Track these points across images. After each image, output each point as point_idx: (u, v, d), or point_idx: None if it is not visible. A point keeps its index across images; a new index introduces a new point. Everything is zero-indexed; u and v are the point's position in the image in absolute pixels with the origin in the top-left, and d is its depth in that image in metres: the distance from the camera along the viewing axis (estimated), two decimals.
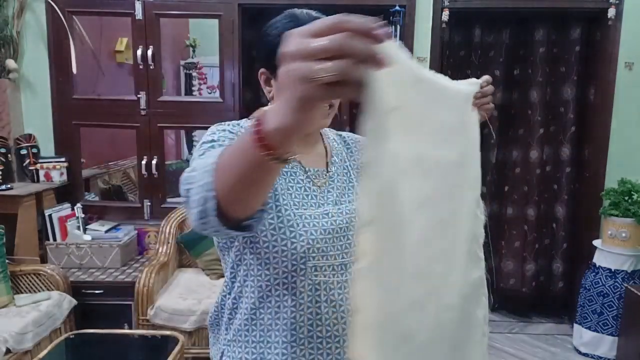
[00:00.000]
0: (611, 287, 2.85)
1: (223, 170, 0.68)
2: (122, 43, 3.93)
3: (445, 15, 2.97)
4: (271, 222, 0.92)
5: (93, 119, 3.17)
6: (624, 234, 2.81)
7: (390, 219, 0.67)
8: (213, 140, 0.90)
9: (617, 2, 2.90)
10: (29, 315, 2.30)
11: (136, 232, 3.13)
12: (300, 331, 0.94)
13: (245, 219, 0.73)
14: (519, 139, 3.39)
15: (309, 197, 0.97)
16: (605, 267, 2.89)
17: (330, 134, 1.09)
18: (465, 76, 3.26)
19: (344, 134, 1.14)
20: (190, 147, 4.80)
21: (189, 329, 2.45)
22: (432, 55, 3.05)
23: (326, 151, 1.05)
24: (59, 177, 3.08)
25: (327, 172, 1.01)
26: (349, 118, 3.32)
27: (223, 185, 0.68)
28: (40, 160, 3.07)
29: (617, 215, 2.84)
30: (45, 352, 2.02)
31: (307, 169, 0.99)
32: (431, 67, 3.06)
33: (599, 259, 2.94)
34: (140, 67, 3.08)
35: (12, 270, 2.55)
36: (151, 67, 3.08)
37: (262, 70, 0.96)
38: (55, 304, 2.46)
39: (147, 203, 3.21)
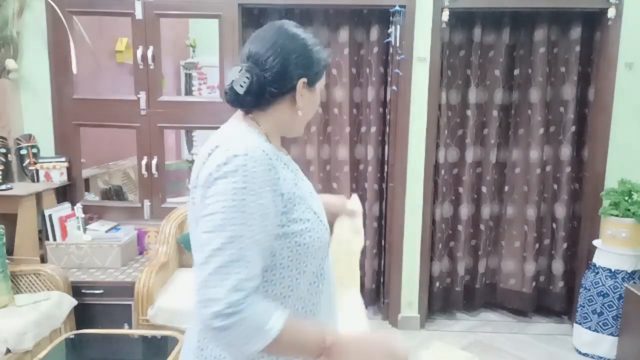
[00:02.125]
0: (611, 287, 2.85)
1: (279, 348, 0.89)
2: (122, 43, 3.93)
3: (445, 15, 2.97)
4: (307, 222, 0.98)
5: (93, 119, 3.17)
6: (624, 234, 2.81)
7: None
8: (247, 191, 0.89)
9: (617, 2, 2.90)
10: (29, 315, 2.30)
11: (136, 232, 3.13)
12: (325, 311, 1.06)
13: None
14: (519, 139, 3.39)
15: (306, 186, 1.05)
16: (605, 267, 2.89)
17: None
18: (465, 76, 3.30)
19: None
20: (190, 147, 4.80)
21: None
22: (432, 55, 3.05)
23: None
24: (59, 177, 3.09)
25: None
26: (348, 118, 3.33)
27: (273, 351, 0.89)
28: (40, 160, 3.07)
29: (617, 215, 2.84)
30: (45, 352, 2.02)
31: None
32: (431, 67, 3.06)
33: (599, 259, 2.94)
34: (140, 67, 3.08)
35: (12, 270, 2.55)
36: (151, 67, 3.08)
37: (303, 79, 1.01)
38: (55, 304, 2.46)
39: (147, 203, 3.21)
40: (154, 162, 3.16)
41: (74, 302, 2.59)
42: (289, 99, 1.01)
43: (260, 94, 0.99)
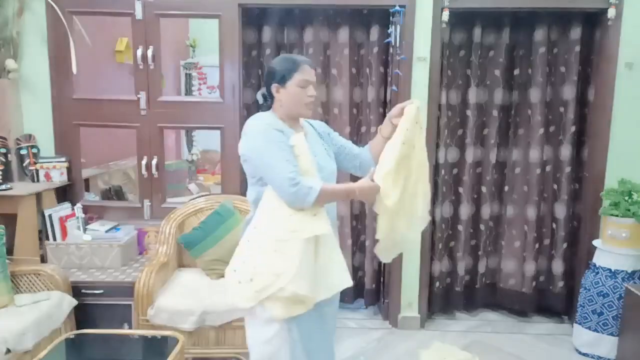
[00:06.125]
0: (611, 287, 2.85)
1: (325, 198, 1.64)
2: (122, 43, 3.93)
3: (445, 15, 2.97)
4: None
5: (93, 119, 3.17)
6: (624, 234, 2.81)
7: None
8: (279, 141, 1.65)
9: (617, 2, 2.90)
10: (29, 315, 2.30)
11: (136, 232, 3.13)
12: None
13: None
14: (519, 139, 3.39)
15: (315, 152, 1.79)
16: (605, 267, 2.89)
17: (302, 121, 1.87)
18: (465, 76, 3.30)
19: (312, 122, 1.92)
20: (190, 147, 4.80)
21: (189, 329, 2.45)
22: (432, 55, 3.05)
23: (302, 129, 1.83)
24: (59, 177, 3.09)
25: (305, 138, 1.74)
26: (348, 118, 3.33)
27: (320, 201, 1.63)
28: (40, 160, 3.07)
29: (617, 215, 2.84)
30: (45, 352, 2.02)
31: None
32: (431, 67, 3.06)
33: (599, 259, 2.94)
34: (140, 67, 3.08)
35: (12, 270, 2.54)
36: (151, 67, 3.08)
37: (275, 85, 1.74)
38: (55, 304, 2.46)
39: (147, 203, 3.21)
40: (154, 162, 3.16)
41: (74, 302, 2.59)
42: (277, 98, 1.76)
43: (264, 99, 1.81)
